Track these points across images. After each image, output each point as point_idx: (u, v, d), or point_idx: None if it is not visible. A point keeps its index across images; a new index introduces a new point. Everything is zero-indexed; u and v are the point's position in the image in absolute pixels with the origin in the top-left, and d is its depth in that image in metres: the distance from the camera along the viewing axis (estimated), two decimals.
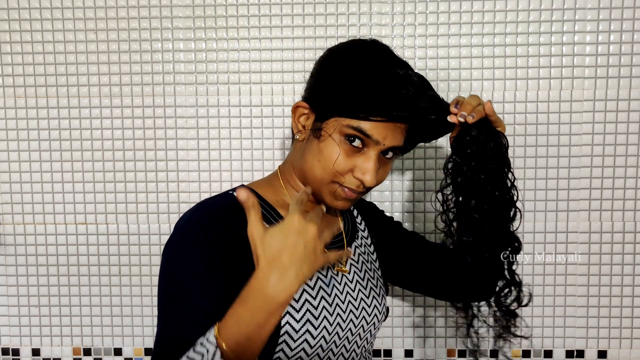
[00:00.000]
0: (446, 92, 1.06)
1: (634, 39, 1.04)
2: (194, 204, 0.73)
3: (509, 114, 1.06)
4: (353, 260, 0.78)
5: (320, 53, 1.05)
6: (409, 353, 1.13)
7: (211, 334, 0.54)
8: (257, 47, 1.06)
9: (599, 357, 1.11)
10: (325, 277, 0.73)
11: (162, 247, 1.11)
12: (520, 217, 0.75)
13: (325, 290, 0.71)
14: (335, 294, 0.72)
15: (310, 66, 1.06)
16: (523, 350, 1.12)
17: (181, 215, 0.71)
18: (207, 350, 0.53)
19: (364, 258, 0.81)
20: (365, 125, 0.67)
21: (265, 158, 1.09)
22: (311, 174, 0.71)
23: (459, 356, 1.13)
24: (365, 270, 0.80)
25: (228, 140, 1.09)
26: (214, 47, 1.06)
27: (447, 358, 1.13)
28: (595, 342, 1.11)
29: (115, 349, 1.14)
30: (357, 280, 0.77)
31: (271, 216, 0.72)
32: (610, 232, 1.08)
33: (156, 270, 1.12)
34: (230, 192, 0.74)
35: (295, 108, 0.73)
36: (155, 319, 1.13)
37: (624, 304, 1.10)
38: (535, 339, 1.11)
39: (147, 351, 1.14)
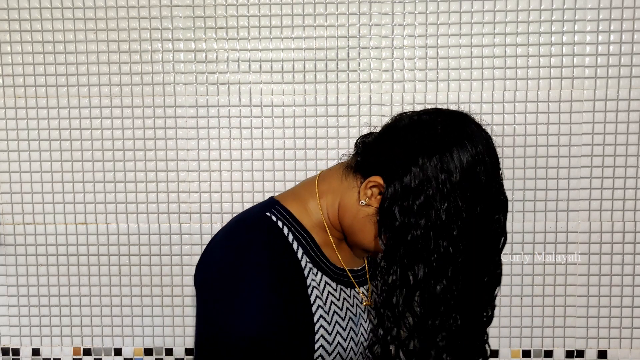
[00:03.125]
0: (446, 92, 1.06)
1: (634, 39, 1.04)
2: (220, 234, 0.67)
3: (509, 114, 1.06)
4: (375, 291, 0.77)
5: (320, 53, 1.06)
6: None
7: None
8: (257, 47, 1.06)
9: (599, 357, 1.11)
10: (355, 315, 0.71)
11: (162, 246, 1.11)
12: None
13: (354, 330, 0.70)
14: (361, 333, 0.72)
15: (310, 66, 1.06)
16: (523, 350, 1.12)
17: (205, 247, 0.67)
18: None
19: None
20: None
21: (266, 158, 1.09)
22: (358, 240, 0.68)
23: None
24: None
25: (228, 140, 1.09)
26: (214, 47, 1.06)
27: None
28: (595, 342, 1.11)
29: (115, 349, 1.14)
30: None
31: (304, 240, 0.67)
32: (610, 232, 1.08)
33: (156, 270, 1.12)
34: (268, 214, 0.67)
35: (374, 185, 0.64)
36: (156, 319, 1.13)
37: (624, 304, 1.10)
38: (535, 339, 1.11)
39: (147, 351, 1.14)
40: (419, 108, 1.06)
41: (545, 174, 1.07)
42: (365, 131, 1.06)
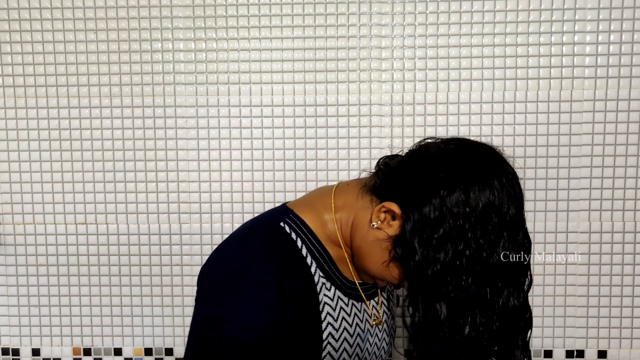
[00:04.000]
0: (446, 92, 1.06)
1: (634, 39, 1.04)
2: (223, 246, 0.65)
3: (509, 114, 1.06)
4: (385, 305, 0.76)
5: (320, 53, 1.06)
6: None
7: None
8: (257, 47, 1.06)
9: (599, 357, 1.11)
10: (363, 331, 0.70)
11: (162, 246, 1.11)
12: None
13: (360, 346, 0.69)
14: (366, 348, 0.71)
15: (310, 66, 1.06)
16: None
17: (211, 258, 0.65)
18: None
19: (393, 302, 0.80)
20: None
21: (266, 158, 1.09)
22: (364, 263, 0.67)
23: None
24: (392, 317, 0.79)
25: (228, 140, 1.09)
26: (214, 47, 1.06)
27: None
28: (595, 342, 1.11)
29: (115, 349, 1.14)
30: (384, 329, 0.76)
31: (318, 253, 0.66)
32: (610, 232, 1.08)
33: (156, 270, 1.12)
34: (282, 224, 0.65)
35: (387, 210, 0.63)
36: (156, 319, 1.13)
37: (624, 304, 1.10)
38: (535, 339, 1.11)
39: (147, 351, 1.14)
40: (419, 108, 1.06)
41: (545, 174, 1.07)
42: (387, 152, 1.06)
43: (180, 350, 1.14)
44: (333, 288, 0.66)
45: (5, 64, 1.08)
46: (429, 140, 0.67)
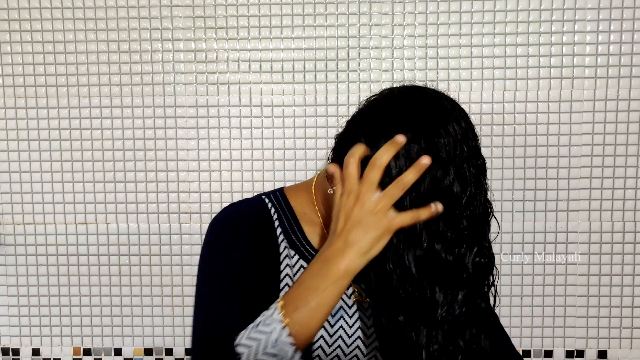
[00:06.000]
0: (446, 92, 1.06)
1: (634, 39, 1.04)
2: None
3: (509, 114, 1.06)
4: (360, 287, 0.76)
5: (320, 53, 1.06)
6: None
7: (275, 311, 0.55)
8: (257, 47, 1.06)
9: (599, 357, 1.11)
10: (350, 307, 0.70)
11: (162, 246, 1.11)
12: None
13: (329, 322, 0.69)
14: (341, 326, 0.70)
15: (310, 66, 1.06)
16: (523, 350, 1.12)
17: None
18: (273, 330, 0.54)
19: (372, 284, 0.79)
20: None
21: (265, 158, 1.09)
22: None
23: None
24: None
25: (228, 140, 1.09)
26: (214, 47, 1.06)
27: None
28: (595, 342, 1.11)
29: (115, 349, 1.14)
30: (361, 309, 0.74)
31: (290, 226, 0.68)
32: (610, 232, 1.08)
33: (156, 270, 1.12)
34: (264, 197, 0.71)
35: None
36: (156, 319, 1.13)
37: (624, 304, 1.10)
38: (535, 339, 1.11)
39: (147, 351, 1.14)
40: None
41: (545, 174, 1.07)
42: None
43: (180, 350, 1.14)
44: (297, 256, 0.68)
45: (5, 64, 1.08)
46: (373, 99, 0.66)
